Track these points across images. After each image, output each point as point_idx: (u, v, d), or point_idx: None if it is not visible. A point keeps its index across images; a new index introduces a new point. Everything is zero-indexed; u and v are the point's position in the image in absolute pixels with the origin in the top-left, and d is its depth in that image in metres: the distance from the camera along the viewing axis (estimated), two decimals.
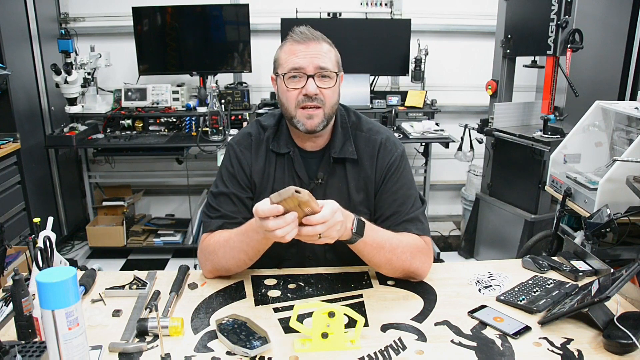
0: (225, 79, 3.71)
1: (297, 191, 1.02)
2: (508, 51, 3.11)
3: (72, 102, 3.26)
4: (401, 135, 3.31)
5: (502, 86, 3.21)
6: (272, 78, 1.38)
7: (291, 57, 1.29)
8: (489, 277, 1.36)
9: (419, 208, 1.39)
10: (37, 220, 1.23)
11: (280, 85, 1.32)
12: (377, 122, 1.51)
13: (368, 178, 1.39)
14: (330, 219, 1.07)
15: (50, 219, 1.24)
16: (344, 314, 1.05)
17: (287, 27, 3.30)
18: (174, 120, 3.51)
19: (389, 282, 1.33)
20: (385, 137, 1.42)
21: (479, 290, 1.30)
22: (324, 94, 1.30)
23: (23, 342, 1.02)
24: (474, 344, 1.07)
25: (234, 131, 3.29)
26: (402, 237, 1.30)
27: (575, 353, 1.03)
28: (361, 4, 3.69)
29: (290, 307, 1.16)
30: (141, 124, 3.47)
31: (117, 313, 1.17)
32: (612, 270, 1.29)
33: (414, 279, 1.33)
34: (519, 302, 1.21)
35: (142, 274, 1.35)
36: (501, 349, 1.05)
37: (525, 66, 3.12)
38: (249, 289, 1.30)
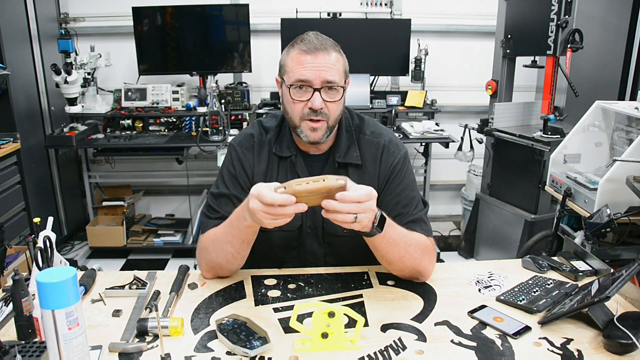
0: (225, 79, 3.71)
1: (337, 179, 1.03)
2: (508, 51, 3.11)
3: (72, 102, 3.26)
4: (401, 136, 3.31)
5: (502, 86, 3.21)
6: (277, 80, 1.37)
7: (298, 67, 1.27)
8: (489, 277, 1.36)
9: (422, 209, 1.39)
10: (37, 220, 1.23)
11: (285, 94, 1.31)
12: (379, 123, 1.51)
13: (372, 180, 1.38)
14: (365, 202, 1.07)
15: (50, 219, 1.24)
16: (344, 314, 1.05)
17: (287, 27, 3.38)
18: (174, 120, 3.51)
19: (389, 282, 1.33)
20: (388, 139, 1.42)
21: (479, 290, 1.30)
22: (329, 107, 1.29)
23: (23, 342, 1.02)
24: (474, 344, 1.07)
25: (234, 131, 3.30)
26: (414, 235, 1.30)
27: (575, 353, 1.03)
28: (361, 4, 3.69)
29: (290, 307, 1.16)
30: (141, 124, 3.47)
31: (117, 313, 1.17)
32: (612, 270, 1.29)
33: (418, 280, 1.33)
34: (519, 302, 1.21)
35: (142, 274, 1.35)
36: (501, 349, 1.05)
37: (525, 66, 3.12)
38: (249, 289, 1.30)
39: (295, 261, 1.43)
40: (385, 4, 3.69)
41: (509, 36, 3.07)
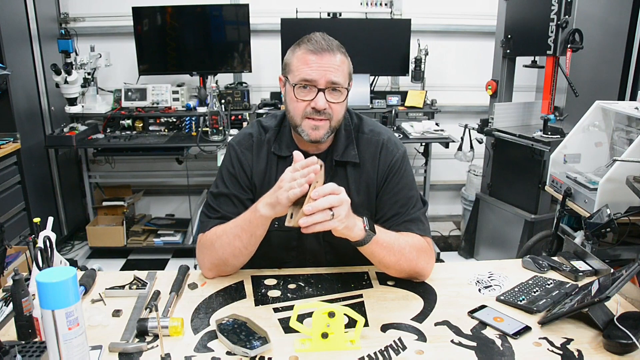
0: (225, 79, 3.71)
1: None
2: (508, 51, 3.11)
3: (72, 102, 3.27)
4: (401, 136, 3.31)
5: (502, 86, 3.21)
6: (280, 79, 1.37)
7: (303, 67, 1.27)
8: (489, 277, 1.36)
9: (420, 209, 1.39)
10: (37, 220, 1.23)
11: (289, 93, 1.31)
12: (378, 122, 1.51)
13: (370, 179, 1.38)
14: (340, 193, 1.10)
15: (50, 219, 1.24)
16: (344, 314, 1.05)
17: (287, 27, 3.39)
18: (174, 120, 3.51)
19: (389, 282, 1.33)
20: (386, 138, 1.42)
21: (479, 290, 1.30)
22: (333, 108, 1.29)
23: (23, 342, 1.02)
24: (474, 344, 1.07)
25: (234, 131, 3.30)
26: (407, 237, 1.30)
27: (575, 353, 1.03)
28: (361, 4, 3.69)
29: (290, 307, 1.16)
30: (141, 124, 3.48)
31: (117, 313, 1.17)
32: (612, 270, 1.29)
33: (417, 280, 1.33)
34: (519, 302, 1.21)
35: (142, 274, 1.35)
36: (501, 349, 1.05)
37: (525, 66, 3.12)
38: (249, 289, 1.30)
39: (295, 261, 1.43)
40: (385, 4, 3.69)
41: (509, 36, 3.07)
